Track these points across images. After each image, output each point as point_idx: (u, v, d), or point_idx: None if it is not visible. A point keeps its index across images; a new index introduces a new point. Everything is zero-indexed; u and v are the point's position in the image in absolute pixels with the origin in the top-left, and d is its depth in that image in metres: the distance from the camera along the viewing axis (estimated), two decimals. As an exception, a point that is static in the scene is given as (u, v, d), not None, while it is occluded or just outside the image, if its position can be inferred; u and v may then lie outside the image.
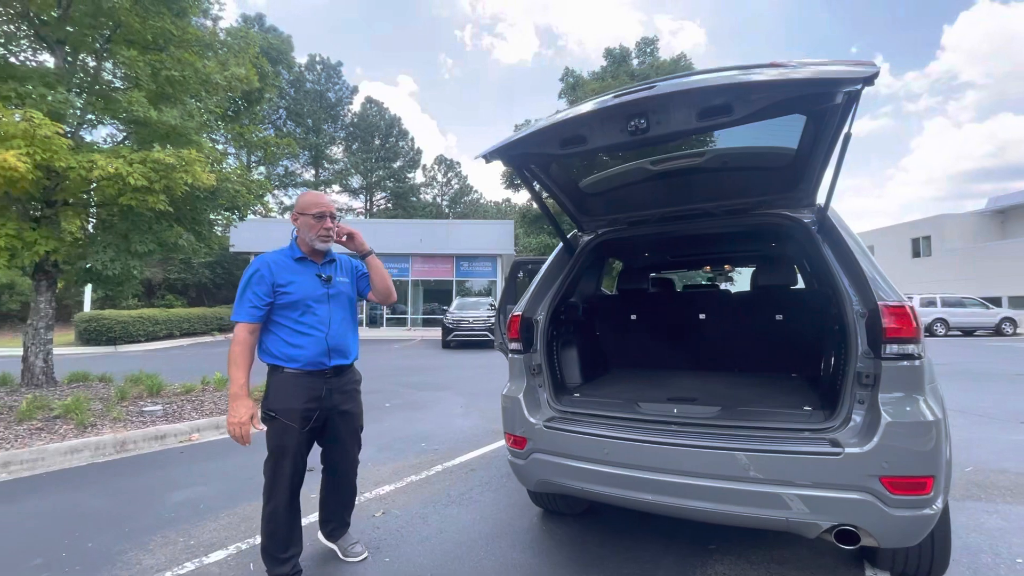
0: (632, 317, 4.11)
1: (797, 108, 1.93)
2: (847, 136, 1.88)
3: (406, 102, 72.53)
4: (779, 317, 3.56)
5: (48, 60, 6.59)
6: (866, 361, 1.92)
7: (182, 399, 5.95)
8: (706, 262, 5.04)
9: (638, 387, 3.19)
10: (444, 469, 3.98)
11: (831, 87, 1.65)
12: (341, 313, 2.36)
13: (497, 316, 3.43)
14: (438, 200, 48.23)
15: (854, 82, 1.60)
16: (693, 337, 3.99)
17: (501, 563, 2.50)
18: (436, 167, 48.91)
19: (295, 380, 2.22)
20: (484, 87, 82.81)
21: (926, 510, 1.75)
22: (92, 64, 6.89)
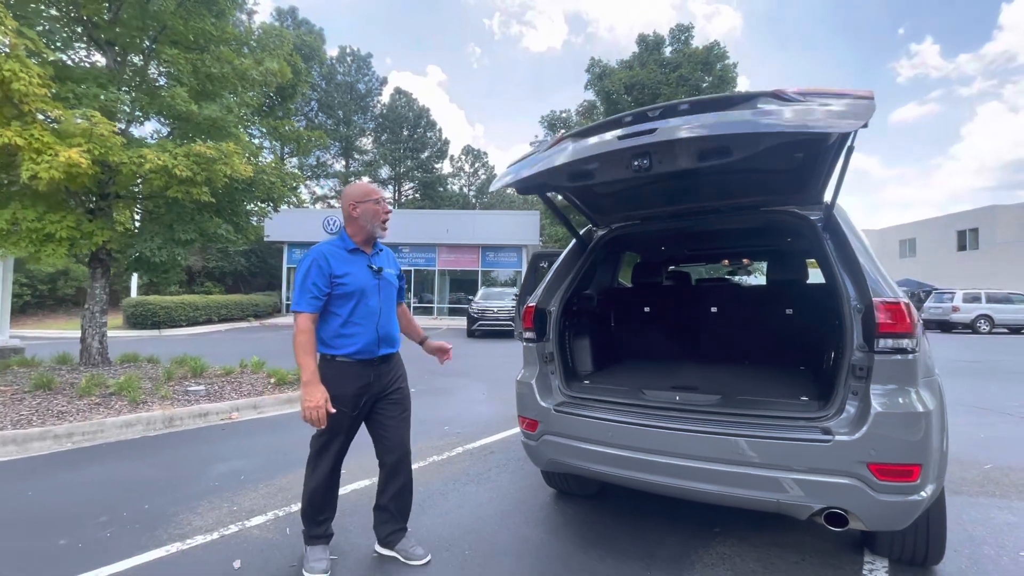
0: (645, 309, 4.21)
1: (793, 149, 2.08)
2: (850, 148, 1.97)
3: (435, 92, 72.79)
4: (789, 312, 3.61)
5: (100, 60, 7.05)
6: (860, 354, 2.01)
7: (222, 380, 6.37)
8: (718, 257, 5.08)
9: (646, 376, 3.30)
10: (464, 451, 4.19)
11: (824, 136, 1.75)
12: (389, 303, 2.44)
13: (517, 306, 3.58)
14: (465, 190, 48.56)
15: (851, 126, 1.68)
16: (702, 329, 4.08)
17: (515, 537, 2.69)
18: (463, 157, 49.19)
19: (347, 368, 2.29)
20: (513, 76, 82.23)
21: (913, 496, 1.84)
22: (139, 63, 7.32)
